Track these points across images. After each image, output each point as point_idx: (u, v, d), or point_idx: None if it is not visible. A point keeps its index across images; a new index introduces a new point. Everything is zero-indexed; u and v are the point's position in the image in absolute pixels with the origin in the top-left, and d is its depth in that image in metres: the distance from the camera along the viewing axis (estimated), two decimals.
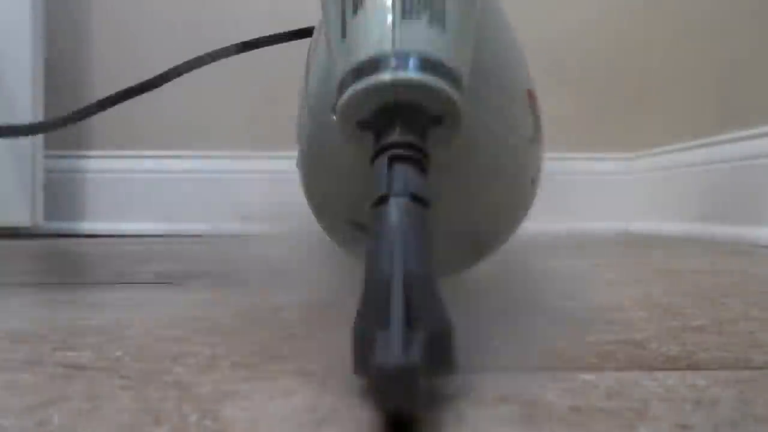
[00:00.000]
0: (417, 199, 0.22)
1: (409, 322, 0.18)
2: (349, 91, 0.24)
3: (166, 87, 0.73)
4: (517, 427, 0.18)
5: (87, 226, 1.24)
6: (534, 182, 0.34)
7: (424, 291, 0.20)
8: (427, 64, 0.24)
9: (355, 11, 0.25)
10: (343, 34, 0.26)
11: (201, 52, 0.60)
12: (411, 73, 0.24)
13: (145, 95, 0.65)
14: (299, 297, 0.39)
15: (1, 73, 1.09)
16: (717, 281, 0.52)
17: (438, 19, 0.25)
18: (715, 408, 0.20)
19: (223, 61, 0.82)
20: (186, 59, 0.68)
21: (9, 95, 1.09)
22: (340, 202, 0.32)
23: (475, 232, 0.33)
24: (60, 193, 1.22)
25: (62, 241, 1.07)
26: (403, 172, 0.23)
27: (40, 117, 1.12)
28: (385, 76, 0.24)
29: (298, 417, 0.19)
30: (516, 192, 0.33)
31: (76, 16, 1.26)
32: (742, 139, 0.94)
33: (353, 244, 0.34)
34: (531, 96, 0.33)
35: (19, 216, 1.12)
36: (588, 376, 0.23)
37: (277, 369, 0.24)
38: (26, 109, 1.10)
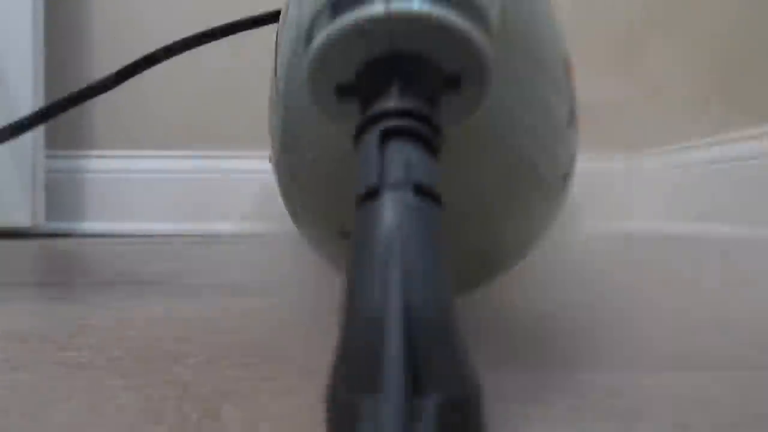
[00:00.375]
0: (425, 192, 0.15)
1: (414, 384, 0.12)
2: (324, 36, 0.16)
3: (167, 87, 0.73)
4: (517, 427, 0.18)
5: (87, 226, 1.24)
6: (567, 178, 0.26)
7: (437, 336, 0.13)
8: None
9: None
10: None
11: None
12: (415, 4, 0.16)
13: (146, 95, 0.65)
14: (299, 297, 0.39)
15: (1, 73, 1.09)
16: (717, 281, 0.52)
17: None
18: (715, 408, 0.20)
19: (225, 61, 0.82)
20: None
21: (9, 95, 1.09)
22: (327, 209, 0.25)
23: (487, 243, 0.25)
24: (60, 193, 1.22)
25: (62, 241, 1.07)
26: (404, 153, 0.15)
27: None
28: (377, 8, 0.16)
29: (298, 417, 0.19)
30: (544, 191, 0.25)
31: (76, 16, 1.26)
32: (743, 138, 0.94)
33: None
34: (568, 67, 0.25)
35: (19, 216, 1.12)
36: (588, 376, 0.23)
37: (277, 369, 0.24)
38: (27, 109, 1.10)
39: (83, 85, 0.66)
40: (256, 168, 1.26)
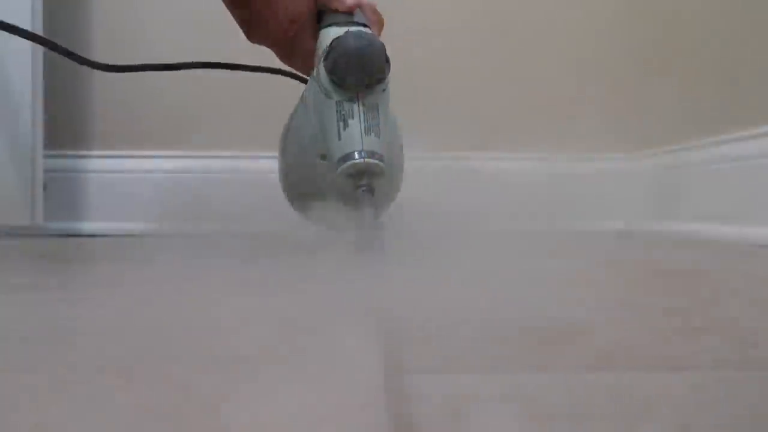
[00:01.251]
0: (371, 203, 0.58)
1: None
2: (345, 164, 0.59)
3: (168, 87, 0.73)
4: (517, 426, 0.18)
5: (87, 226, 1.24)
6: (399, 186, 0.71)
7: (376, 221, 0.57)
8: (374, 155, 0.59)
9: (344, 128, 0.60)
10: (339, 138, 0.60)
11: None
12: (368, 159, 0.59)
13: (147, 94, 0.67)
14: (298, 296, 0.39)
15: (1, 73, 1.09)
16: (717, 281, 0.52)
17: (377, 134, 0.60)
18: (715, 408, 0.20)
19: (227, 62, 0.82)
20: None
21: (9, 94, 1.09)
22: (312, 192, 0.65)
23: (381, 206, 0.66)
24: (60, 193, 1.22)
25: (62, 241, 1.07)
26: (368, 194, 0.59)
27: (39, 116, 1.12)
28: (359, 159, 0.59)
29: (298, 417, 0.19)
30: (395, 187, 0.70)
31: (75, 15, 1.26)
32: (742, 139, 0.94)
33: (317, 214, 0.64)
34: (401, 146, 0.69)
35: (19, 216, 1.12)
36: (588, 376, 0.23)
37: (278, 369, 0.24)
38: (26, 108, 1.10)
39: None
40: (255, 168, 1.26)
